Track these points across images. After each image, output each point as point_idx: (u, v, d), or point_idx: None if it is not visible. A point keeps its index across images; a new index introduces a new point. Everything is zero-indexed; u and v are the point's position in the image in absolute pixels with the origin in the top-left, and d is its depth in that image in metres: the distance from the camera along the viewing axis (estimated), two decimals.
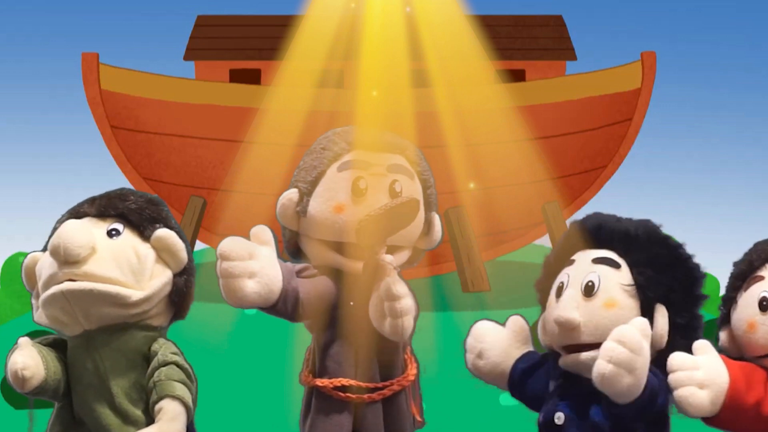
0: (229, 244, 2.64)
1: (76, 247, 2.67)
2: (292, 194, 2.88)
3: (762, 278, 2.85)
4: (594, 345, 2.60)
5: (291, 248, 2.96)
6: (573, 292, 2.67)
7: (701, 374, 2.62)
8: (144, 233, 2.81)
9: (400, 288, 2.64)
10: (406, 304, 2.65)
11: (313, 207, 2.84)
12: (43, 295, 2.72)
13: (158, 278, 2.77)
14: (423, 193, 2.92)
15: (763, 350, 2.78)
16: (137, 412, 2.70)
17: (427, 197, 2.94)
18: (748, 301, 2.85)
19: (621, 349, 2.43)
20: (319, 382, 2.81)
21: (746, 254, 2.95)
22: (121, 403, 2.70)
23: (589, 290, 2.66)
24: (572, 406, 2.65)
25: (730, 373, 2.66)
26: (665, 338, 2.67)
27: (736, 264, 2.96)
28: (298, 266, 2.87)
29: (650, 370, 2.52)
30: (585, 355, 2.63)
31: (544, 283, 2.84)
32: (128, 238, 2.79)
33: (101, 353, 2.73)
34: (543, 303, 2.84)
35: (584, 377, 2.61)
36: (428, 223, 2.94)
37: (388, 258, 2.69)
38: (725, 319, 2.93)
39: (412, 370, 2.88)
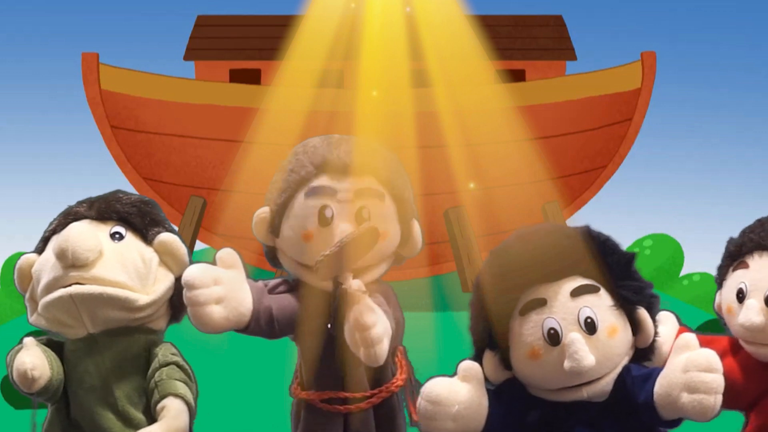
0: (193, 273, 2.61)
1: (84, 251, 2.67)
2: (264, 214, 2.87)
3: (746, 266, 2.90)
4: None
5: (270, 259, 2.95)
6: (578, 337, 2.53)
7: None
8: (147, 237, 2.81)
9: (369, 317, 2.57)
10: (376, 333, 2.57)
11: (284, 231, 2.83)
12: (47, 298, 2.71)
13: (162, 282, 2.78)
14: (397, 210, 2.87)
15: (739, 335, 2.91)
16: (138, 415, 2.70)
17: (404, 212, 2.89)
18: (730, 285, 2.95)
19: (720, 378, 2.42)
20: (306, 394, 2.80)
21: (741, 234, 2.98)
22: (124, 406, 2.70)
23: (591, 328, 2.56)
24: (589, 429, 2.58)
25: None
26: (652, 336, 2.66)
27: (730, 241, 2.99)
28: (272, 283, 2.85)
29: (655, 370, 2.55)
30: (589, 390, 2.58)
31: (491, 328, 2.65)
32: (132, 241, 2.79)
33: (104, 356, 2.73)
34: (485, 347, 2.68)
35: (587, 402, 2.59)
36: (406, 234, 2.91)
37: (356, 284, 2.65)
38: (719, 287, 3.02)
39: (401, 375, 2.86)
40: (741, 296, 2.88)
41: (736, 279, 2.91)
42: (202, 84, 8.05)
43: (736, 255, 2.95)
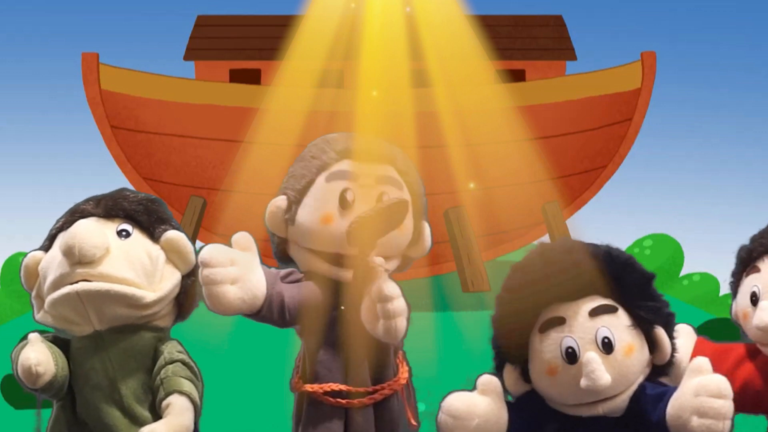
0: (210, 252, 2.61)
1: (91, 248, 2.67)
2: (280, 201, 2.86)
3: (758, 270, 2.92)
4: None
5: (279, 254, 2.95)
6: (595, 356, 2.56)
7: None
8: (153, 234, 2.81)
9: (392, 289, 2.62)
10: (398, 305, 2.62)
11: (301, 216, 2.83)
12: (54, 295, 2.71)
13: (169, 280, 2.78)
14: (413, 203, 2.89)
15: (755, 338, 2.91)
16: (145, 413, 2.70)
17: (417, 207, 2.91)
18: (744, 290, 2.95)
19: (729, 404, 2.44)
20: (310, 387, 2.80)
21: (751, 240, 3.00)
22: (130, 404, 2.70)
23: (608, 347, 2.59)
24: None
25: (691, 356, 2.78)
26: (669, 354, 2.68)
27: (741, 248, 3.01)
28: (283, 271, 2.84)
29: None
30: (604, 407, 2.61)
31: (511, 343, 2.69)
32: (139, 239, 2.79)
33: (110, 354, 2.73)
34: (506, 361, 2.72)
35: (602, 417, 2.62)
36: (418, 232, 2.92)
37: (379, 260, 2.67)
38: (734, 295, 3.01)
39: (403, 374, 2.87)
40: (755, 299, 2.89)
41: (749, 284, 2.93)
42: (202, 84, 8.05)
43: (747, 261, 2.97)
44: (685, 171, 11.05)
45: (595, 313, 2.62)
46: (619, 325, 2.63)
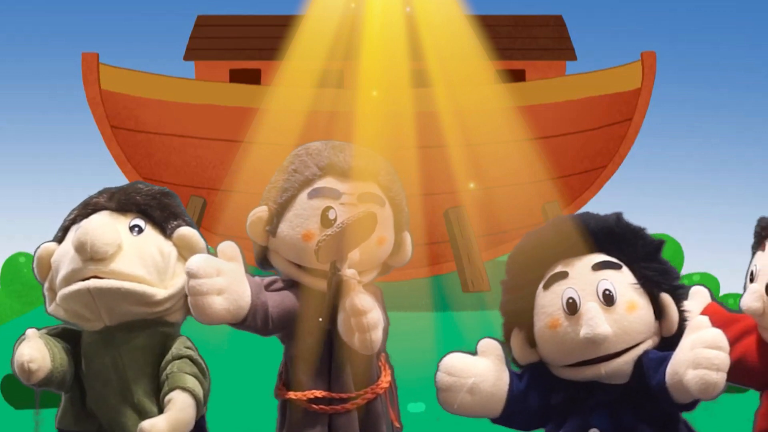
0: (197, 262, 2.62)
1: (103, 245, 2.67)
2: (261, 213, 2.87)
3: (764, 248, 2.90)
4: (617, 353, 2.60)
5: (260, 260, 2.95)
6: (594, 305, 2.58)
7: None
8: (166, 231, 2.81)
9: (366, 302, 2.61)
10: (372, 318, 2.61)
11: (282, 230, 2.83)
12: (65, 290, 2.71)
13: (180, 276, 2.77)
14: (394, 217, 2.90)
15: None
16: (154, 408, 2.70)
17: (398, 220, 2.92)
18: (750, 264, 2.95)
19: (723, 355, 2.41)
20: (293, 395, 2.80)
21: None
22: (140, 399, 2.70)
23: (609, 299, 2.60)
24: (606, 418, 2.61)
25: None
26: (676, 324, 2.66)
27: (759, 220, 2.99)
28: (267, 279, 2.85)
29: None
30: (607, 368, 2.61)
31: (517, 303, 2.73)
32: (151, 235, 2.79)
33: (121, 350, 2.73)
34: (513, 326, 2.73)
35: (607, 384, 2.62)
36: (398, 244, 2.93)
37: (350, 272, 2.67)
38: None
39: (386, 377, 2.87)
40: (752, 278, 2.90)
41: (754, 260, 2.94)
42: (202, 84, 8.05)
43: (760, 235, 2.97)
44: (685, 171, 11.06)
45: (598, 267, 2.65)
46: (622, 281, 2.64)
